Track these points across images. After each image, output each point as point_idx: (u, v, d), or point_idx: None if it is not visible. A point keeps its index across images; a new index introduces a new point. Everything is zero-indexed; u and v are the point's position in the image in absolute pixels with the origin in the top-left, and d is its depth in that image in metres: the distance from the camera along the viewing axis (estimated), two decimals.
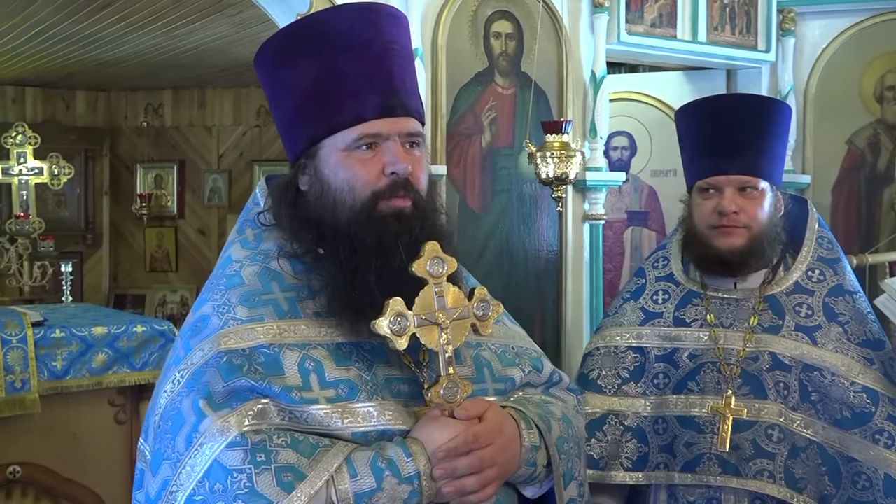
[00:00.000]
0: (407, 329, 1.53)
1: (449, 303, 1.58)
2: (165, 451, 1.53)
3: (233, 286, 1.64)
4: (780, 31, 4.87)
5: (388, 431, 1.56)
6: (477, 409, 1.59)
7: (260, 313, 1.59)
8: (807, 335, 2.29)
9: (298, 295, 1.63)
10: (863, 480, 2.18)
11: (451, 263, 1.59)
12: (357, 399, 1.55)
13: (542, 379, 1.84)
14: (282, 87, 1.68)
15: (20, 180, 7.80)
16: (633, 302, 2.48)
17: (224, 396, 1.50)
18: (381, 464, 1.49)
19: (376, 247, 1.57)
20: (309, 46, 1.62)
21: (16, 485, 3.24)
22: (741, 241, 2.30)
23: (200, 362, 1.55)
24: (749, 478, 2.22)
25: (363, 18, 1.63)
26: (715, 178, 2.31)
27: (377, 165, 1.60)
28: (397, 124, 1.62)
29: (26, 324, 3.23)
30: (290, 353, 1.55)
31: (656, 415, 2.35)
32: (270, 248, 1.69)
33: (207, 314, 1.62)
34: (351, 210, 1.59)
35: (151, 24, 6.17)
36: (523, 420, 1.68)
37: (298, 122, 1.66)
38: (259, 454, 1.46)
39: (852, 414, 2.21)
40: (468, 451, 1.54)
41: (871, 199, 4.87)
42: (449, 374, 1.57)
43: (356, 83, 1.60)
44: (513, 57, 4.04)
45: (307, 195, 1.66)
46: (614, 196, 5.22)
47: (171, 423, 1.54)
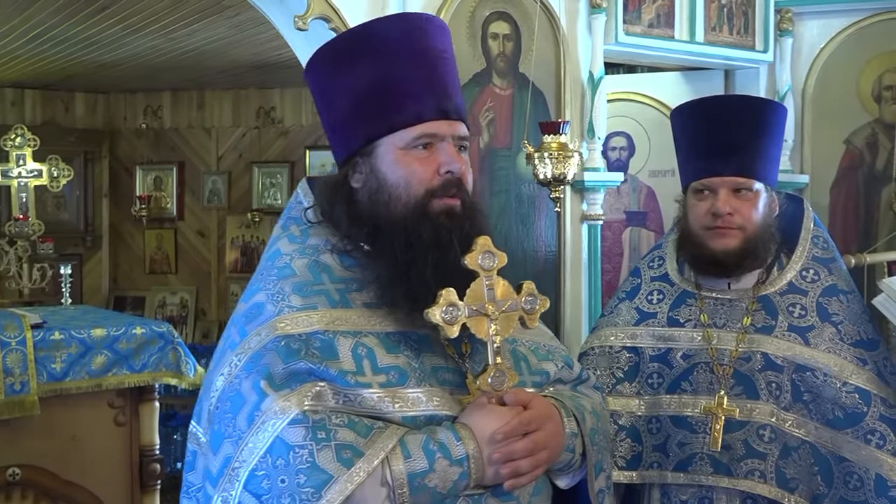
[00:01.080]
0: (458, 318, 1.62)
1: (498, 295, 1.67)
2: (226, 430, 1.60)
3: (285, 277, 1.72)
4: (777, 31, 4.87)
5: (436, 416, 1.64)
6: (524, 396, 1.69)
7: (313, 302, 1.67)
8: (799, 335, 2.29)
9: (348, 287, 1.72)
10: (854, 480, 2.19)
11: (501, 258, 1.68)
12: (407, 385, 1.64)
13: (573, 376, 1.94)
14: (338, 88, 1.76)
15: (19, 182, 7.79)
16: (628, 302, 2.49)
17: (284, 378, 1.58)
18: (432, 446, 1.58)
19: (432, 241, 1.66)
20: (368, 50, 1.72)
21: (15, 487, 3.25)
22: (735, 243, 2.31)
23: (258, 346, 1.63)
24: (740, 477, 2.23)
25: (418, 28, 1.75)
26: (710, 179, 2.32)
27: (433, 164, 1.71)
28: (452, 127, 1.73)
29: (25, 326, 3.24)
30: (344, 340, 1.64)
31: (650, 414, 2.36)
32: (318, 242, 1.77)
33: (262, 302, 1.70)
34: (405, 206, 1.69)
35: (150, 27, 6.17)
36: (562, 408, 1.78)
37: (355, 121, 1.75)
38: (320, 431, 1.53)
39: (844, 414, 2.22)
40: (523, 435, 1.63)
41: (870, 198, 4.87)
42: (497, 364, 1.66)
43: (415, 86, 1.71)
44: (510, 58, 4.04)
45: (360, 192, 1.75)
46: (612, 196, 5.22)
47: (230, 403, 1.61)
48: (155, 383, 3.56)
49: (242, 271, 8.60)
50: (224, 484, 1.57)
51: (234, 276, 8.63)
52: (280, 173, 8.60)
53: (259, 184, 8.64)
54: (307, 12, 3.57)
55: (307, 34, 3.67)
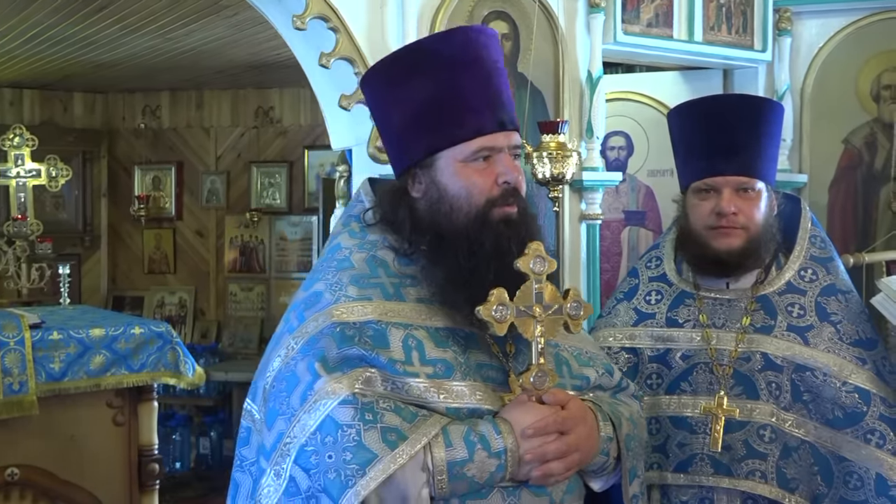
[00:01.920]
0: (507, 318, 1.69)
1: (546, 298, 1.74)
2: (280, 407, 1.68)
3: (343, 268, 1.81)
4: (776, 30, 4.87)
5: (479, 410, 1.71)
6: (563, 396, 1.75)
7: (368, 293, 1.76)
8: (799, 335, 2.29)
9: (402, 282, 1.80)
10: (854, 480, 2.19)
11: (551, 263, 1.75)
12: (452, 378, 1.71)
13: (613, 383, 1.99)
14: (396, 101, 1.83)
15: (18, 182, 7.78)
16: (626, 302, 2.48)
17: (337, 361, 1.67)
18: (473, 437, 1.65)
19: (494, 249, 1.74)
20: (426, 65, 1.79)
21: (14, 487, 3.24)
22: (739, 242, 2.30)
23: (315, 331, 1.72)
24: (741, 478, 2.23)
25: (473, 41, 1.81)
26: (713, 178, 2.31)
27: (491, 175, 1.78)
28: (508, 138, 1.81)
29: (24, 326, 3.23)
30: (396, 331, 1.72)
31: (649, 415, 2.35)
32: (376, 239, 1.86)
33: (320, 290, 1.79)
34: (467, 216, 1.77)
35: (148, 26, 6.16)
36: (599, 412, 1.84)
37: (415, 133, 1.81)
38: (367, 413, 1.62)
39: (844, 414, 2.21)
40: (556, 435, 1.69)
41: (868, 198, 4.87)
42: (539, 364, 1.73)
43: (473, 100, 1.78)
44: (509, 57, 4.04)
45: (419, 202, 1.82)
46: (611, 196, 5.22)
47: (285, 383, 1.70)
48: (154, 383, 3.55)
49: (241, 271, 8.60)
50: (276, 458, 1.66)
51: (232, 276, 8.63)
52: (279, 173, 8.60)
53: (258, 183, 8.63)
54: (305, 11, 3.57)
55: (305, 33, 3.67)
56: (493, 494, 1.69)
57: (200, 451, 7.76)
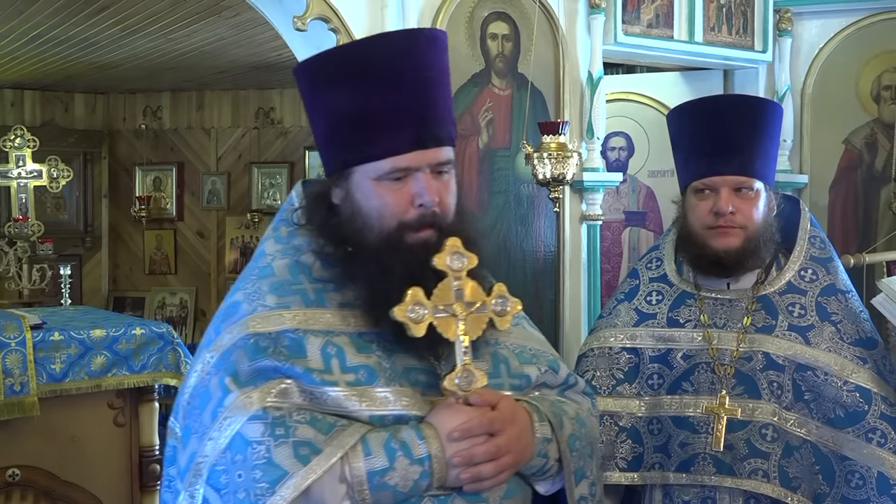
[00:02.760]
0: (424, 318, 1.61)
1: (467, 296, 1.66)
2: (194, 425, 1.63)
3: (264, 276, 1.75)
4: (776, 31, 4.87)
5: (405, 417, 1.63)
6: (491, 396, 1.66)
7: (287, 301, 1.69)
8: (800, 335, 2.30)
9: (325, 287, 1.73)
10: (856, 479, 2.19)
11: (471, 259, 1.66)
12: (375, 384, 1.63)
13: (559, 381, 1.89)
14: (318, 106, 1.75)
15: (19, 183, 7.80)
16: (626, 303, 2.48)
17: (249, 375, 1.60)
18: (394, 444, 1.58)
19: (405, 275, 1.64)
20: (347, 73, 1.68)
21: (15, 487, 3.25)
22: (737, 242, 2.30)
23: (229, 344, 1.66)
24: (743, 477, 2.23)
25: (403, 49, 1.68)
26: (711, 178, 2.32)
27: (406, 196, 1.67)
28: (427, 156, 1.68)
29: (25, 327, 3.24)
30: (314, 339, 1.64)
31: (651, 415, 2.36)
32: (301, 243, 1.79)
33: (238, 301, 1.73)
34: (378, 236, 1.68)
35: (149, 27, 6.17)
36: (535, 412, 1.76)
37: (332, 144, 1.75)
38: (278, 428, 1.55)
39: (845, 413, 2.22)
40: (485, 437, 1.62)
41: (869, 198, 4.87)
42: (464, 364, 1.64)
43: (390, 116, 1.66)
44: (509, 58, 4.04)
45: (340, 209, 1.74)
46: (612, 196, 5.23)
47: (199, 399, 1.64)
48: (154, 384, 3.56)
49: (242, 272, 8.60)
50: (190, 478, 1.60)
51: (233, 277, 8.61)
52: (279, 174, 8.61)
53: (258, 184, 8.64)
54: (306, 13, 3.57)
55: (306, 35, 3.67)
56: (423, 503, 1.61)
57: None
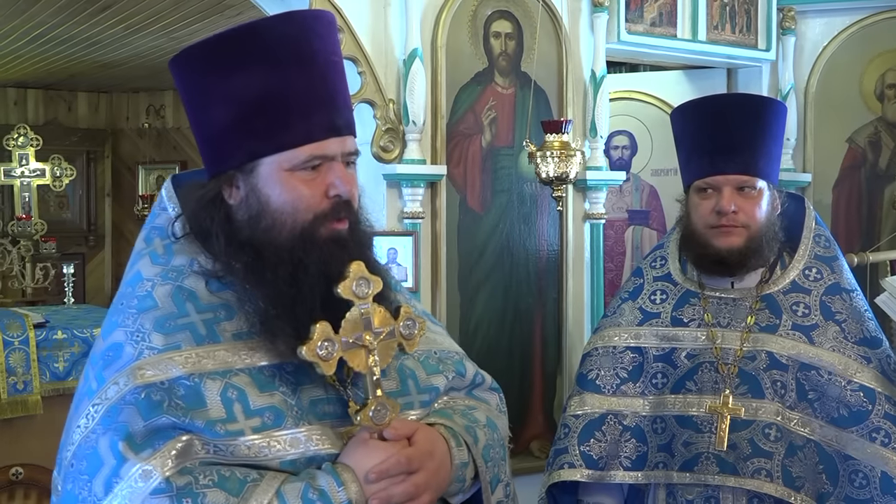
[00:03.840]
0: (334, 354, 1.50)
1: (376, 323, 1.55)
2: (81, 493, 1.45)
3: (145, 309, 1.56)
4: (780, 29, 4.86)
5: (317, 457, 1.52)
6: (406, 429, 1.57)
7: (177, 340, 1.51)
8: (803, 334, 2.29)
9: (216, 316, 1.56)
10: (860, 478, 2.19)
11: (376, 283, 1.54)
12: (283, 426, 1.51)
13: (465, 382, 1.83)
14: (217, 95, 1.57)
15: (22, 182, 7.82)
16: (631, 302, 2.48)
17: (144, 436, 1.43)
18: (312, 495, 1.46)
19: (321, 273, 1.52)
20: (255, 54, 1.53)
21: (18, 486, 3.25)
22: (740, 241, 2.30)
23: (116, 397, 1.47)
24: (747, 477, 2.23)
25: (308, 29, 1.57)
26: (713, 177, 2.32)
27: (321, 187, 1.56)
28: (342, 144, 1.58)
29: (28, 325, 3.24)
30: (212, 383, 1.49)
31: (655, 414, 2.36)
32: (182, 263, 1.60)
33: (120, 342, 1.54)
34: (291, 231, 1.54)
35: (152, 26, 6.18)
36: (452, 437, 1.66)
37: (237, 134, 1.56)
38: (185, 499, 1.40)
39: (849, 412, 2.22)
40: (402, 476, 1.52)
41: (872, 197, 4.87)
42: (377, 397, 1.53)
43: (305, 100, 1.54)
44: (512, 57, 4.04)
45: (237, 211, 1.58)
46: (615, 195, 5.22)
47: (86, 462, 1.46)
48: None
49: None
50: None
51: None
52: None
53: None
54: None
55: None
56: None
57: None
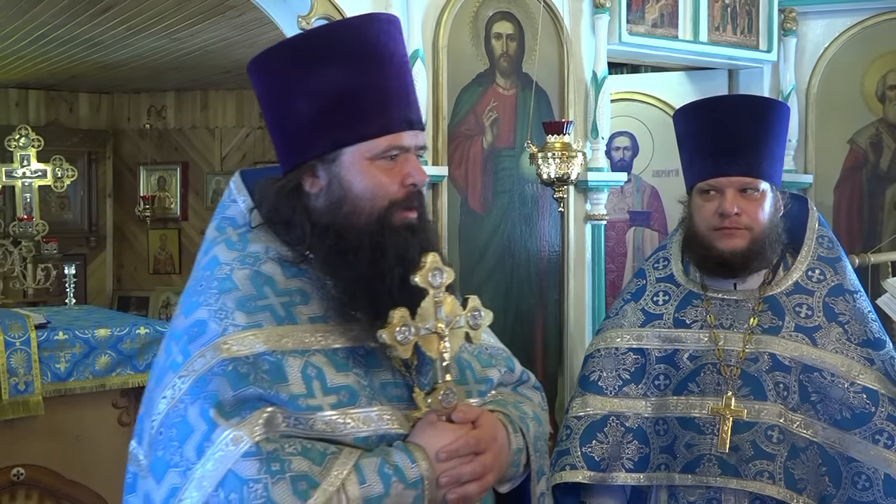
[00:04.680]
0: (410, 339, 1.59)
1: (447, 312, 1.64)
2: (172, 458, 1.53)
3: (226, 290, 1.65)
4: (781, 30, 4.87)
5: (388, 435, 1.61)
6: (472, 413, 1.66)
7: (258, 319, 1.61)
8: (806, 336, 2.29)
9: (292, 300, 1.66)
10: (863, 481, 2.18)
11: (448, 273, 1.63)
12: (358, 404, 1.60)
13: (514, 378, 1.92)
14: (298, 90, 1.68)
15: (24, 183, 7.82)
16: (633, 303, 2.48)
17: (233, 405, 1.52)
18: (387, 470, 1.55)
19: (398, 256, 1.63)
20: (339, 52, 1.65)
21: (20, 487, 3.25)
22: (743, 243, 2.30)
23: (204, 369, 1.56)
24: (749, 479, 2.22)
25: (386, 32, 1.69)
26: (716, 179, 2.31)
27: (398, 176, 1.67)
28: (416, 138, 1.71)
29: (30, 326, 3.24)
30: (293, 360, 1.58)
31: (657, 416, 2.35)
32: (258, 250, 1.70)
33: (204, 319, 1.62)
34: (368, 217, 1.65)
35: (153, 27, 6.18)
36: (510, 424, 1.76)
37: (320, 126, 1.67)
38: (274, 463, 1.48)
39: (852, 414, 2.21)
40: (470, 458, 1.61)
41: (874, 198, 4.87)
42: (446, 382, 1.63)
43: (385, 95, 1.67)
44: (514, 58, 4.04)
45: (316, 199, 1.68)
46: (616, 196, 5.23)
47: (175, 430, 1.54)
48: None
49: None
50: None
51: None
52: None
53: None
54: (311, 12, 3.57)
55: None
56: None
57: None
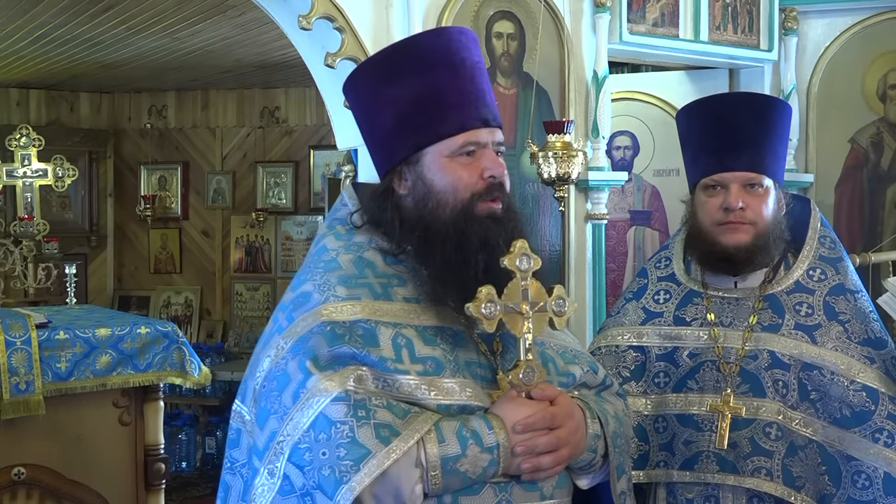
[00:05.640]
0: (496, 315, 1.71)
1: (532, 296, 1.76)
2: (272, 406, 1.69)
3: (331, 269, 1.82)
4: (782, 29, 4.87)
5: (469, 407, 1.72)
6: (551, 391, 1.77)
7: (357, 293, 1.77)
8: (806, 334, 2.29)
9: (389, 282, 1.81)
10: (863, 479, 2.18)
11: (536, 261, 1.77)
12: (442, 375, 1.73)
13: (597, 381, 2.00)
14: (383, 100, 1.85)
15: (24, 182, 7.81)
16: (634, 302, 2.48)
17: (328, 359, 1.67)
18: (465, 433, 1.67)
19: (481, 243, 1.77)
20: (412, 64, 1.83)
21: (20, 486, 3.25)
22: (747, 238, 2.30)
23: (304, 330, 1.72)
24: (746, 475, 2.22)
25: (457, 41, 1.85)
26: (721, 174, 2.32)
27: (476, 170, 1.81)
28: (492, 134, 1.84)
29: (30, 326, 3.24)
30: (385, 329, 1.73)
31: (656, 413, 2.36)
32: (362, 240, 1.87)
33: (309, 291, 1.79)
34: (452, 209, 1.79)
35: (154, 27, 6.17)
36: (587, 409, 1.86)
37: (402, 131, 1.83)
38: (360, 410, 1.62)
39: (852, 412, 2.21)
40: (546, 430, 1.71)
41: (874, 197, 4.87)
42: (528, 360, 1.75)
43: (457, 96, 1.82)
44: (514, 57, 4.04)
45: (406, 198, 1.84)
46: (617, 196, 5.22)
47: (276, 382, 1.70)
48: (160, 383, 3.56)
49: (247, 271, 8.61)
50: (270, 456, 1.66)
51: (238, 276, 8.64)
52: (284, 173, 8.60)
53: (263, 183, 8.64)
54: (311, 12, 3.57)
55: (311, 33, 3.67)
56: (485, 490, 1.71)
57: (206, 450, 7.76)
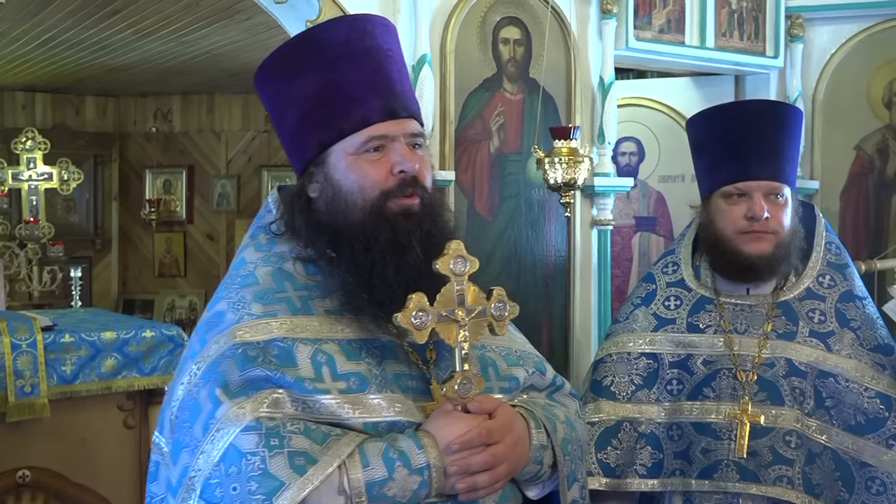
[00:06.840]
0: (427, 324, 1.59)
1: (469, 301, 1.64)
2: (184, 439, 1.58)
3: (247, 285, 1.72)
4: (788, 36, 4.86)
5: (398, 423, 1.61)
6: (489, 404, 1.65)
7: (274, 309, 1.66)
8: (821, 341, 2.29)
9: (311, 294, 1.70)
10: (877, 485, 2.19)
11: (473, 263, 1.64)
12: (367, 391, 1.61)
13: (546, 382, 1.89)
14: (287, 99, 1.75)
15: (30, 185, 7.84)
16: (644, 308, 2.46)
17: (240, 385, 1.57)
18: (392, 454, 1.55)
19: (390, 243, 1.65)
20: (311, 58, 1.71)
21: (25, 489, 3.25)
22: (769, 247, 2.30)
23: (216, 354, 1.62)
24: (769, 484, 2.21)
25: (359, 29, 1.73)
26: (745, 183, 2.30)
27: (385, 166, 1.69)
28: (401, 125, 1.71)
29: (36, 329, 3.24)
30: (303, 347, 1.62)
31: (670, 421, 2.34)
32: (284, 250, 1.76)
33: (223, 310, 1.69)
34: (362, 210, 1.67)
35: (161, 31, 6.19)
36: (532, 419, 1.74)
37: (306, 130, 1.73)
38: (273, 438, 1.51)
39: (866, 419, 2.22)
40: (482, 447, 1.60)
41: (880, 204, 4.86)
42: (464, 371, 1.62)
43: (360, 89, 1.69)
44: (521, 63, 4.04)
45: (317, 201, 1.73)
46: (622, 201, 5.22)
47: (188, 412, 1.60)
48: (164, 386, 3.56)
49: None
50: (182, 493, 1.56)
51: None
52: (289, 177, 8.61)
53: (268, 187, 8.66)
54: (318, 16, 3.58)
55: None
56: None
57: None
